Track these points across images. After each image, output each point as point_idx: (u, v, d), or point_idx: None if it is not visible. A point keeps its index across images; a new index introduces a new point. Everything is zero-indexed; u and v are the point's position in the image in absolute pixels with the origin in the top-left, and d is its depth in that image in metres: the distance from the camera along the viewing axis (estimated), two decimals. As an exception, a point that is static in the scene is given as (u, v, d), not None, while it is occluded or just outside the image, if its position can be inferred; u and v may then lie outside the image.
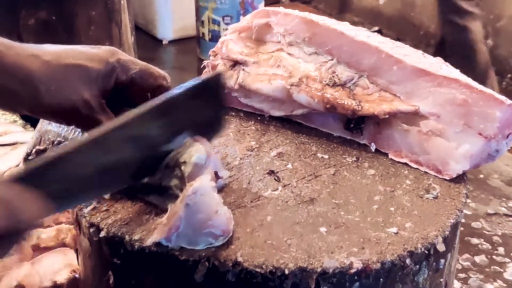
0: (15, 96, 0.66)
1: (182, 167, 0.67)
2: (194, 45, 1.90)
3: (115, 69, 0.70)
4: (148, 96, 0.73)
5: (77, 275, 0.90)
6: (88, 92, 0.66)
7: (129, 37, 1.56)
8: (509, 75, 2.11)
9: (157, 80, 0.73)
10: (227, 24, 1.72)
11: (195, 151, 0.69)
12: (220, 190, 0.72)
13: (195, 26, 1.84)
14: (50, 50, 0.67)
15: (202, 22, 1.79)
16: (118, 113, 0.72)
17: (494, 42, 2.25)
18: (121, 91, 0.73)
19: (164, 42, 2.03)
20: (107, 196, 0.71)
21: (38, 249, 0.94)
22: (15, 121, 1.30)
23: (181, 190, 0.65)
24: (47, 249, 0.95)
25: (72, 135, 0.74)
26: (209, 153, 0.70)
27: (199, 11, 1.80)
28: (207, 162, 0.69)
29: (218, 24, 1.76)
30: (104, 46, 0.70)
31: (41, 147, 0.78)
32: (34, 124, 0.81)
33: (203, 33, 1.80)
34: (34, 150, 0.79)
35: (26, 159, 0.81)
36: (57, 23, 1.39)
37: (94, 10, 1.44)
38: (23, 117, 1.30)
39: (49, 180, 0.56)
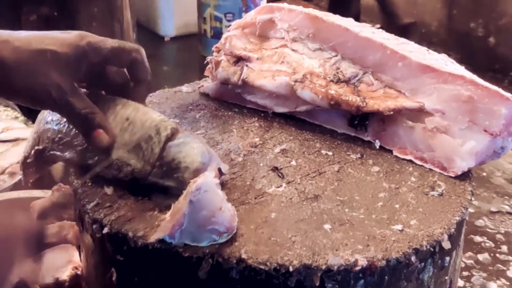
0: None
1: (184, 173, 0.67)
2: (196, 42, 1.90)
3: (86, 52, 0.70)
4: (125, 72, 0.75)
5: (79, 272, 0.89)
6: (59, 76, 0.67)
7: (131, 34, 1.56)
8: (511, 73, 2.10)
9: (130, 55, 0.74)
10: (229, 21, 1.71)
11: (197, 154, 0.68)
12: (224, 186, 0.71)
13: (197, 23, 1.83)
14: (21, 37, 0.69)
15: (204, 19, 1.78)
16: (98, 94, 0.75)
17: (496, 40, 2.24)
18: (99, 71, 0.74)
19: (166, 39, 2.03)
20: (110, 192, 0.71)
21: (41, 246, 0.94)
22: (16, 118, 1.29)
23: (183, 190, 0.65)
24: (50, 245, 0.94)
25: (73, 132, 0.73)
26: (211, 153, 0.70)
27: (201, 8, 1.79)
28: (209, 160, 0.69)
29: (220, 21, 1.75)
30: (74, 31, 0.71)
31: (40, 147, 0.77)
32: (35, 121, 0.81)
33: (205, 30, 1.80)
34: (33, 152, 0.78)
35: (25, 162, 0.80)
36: (59, 20, 1.39)
37: (96, 6, 1.44)
38: (25, 114, 1.30)
39: None
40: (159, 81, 1.75)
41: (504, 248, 1.07)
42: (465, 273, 1.00)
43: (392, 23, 2.24)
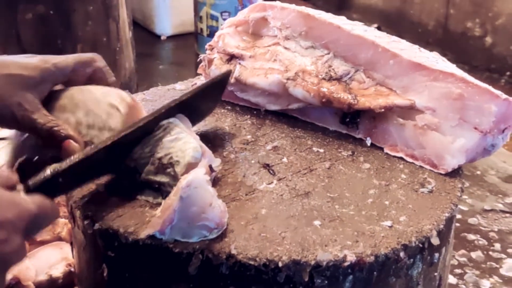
0: None
1: (176, 167, 0.67)
2: (192, 41, 1.90)
3: (52, 73, 0.73)
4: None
5: (72, 269, 0.90)
6: (22, 97, 0.70)
7: (127, 33, 1.56)
8: (507, 73, 2.11)
9: (90, 65, 0.77)
10: (225, 19, 1.71)
11: (190, 148, 0.68)
12: (215, 183, 0.72)
13: (193, 21, 1.84)
14: None
15: (200, 17, 1.79)
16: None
17: (493, 40, 2.25)
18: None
19: (162, 37, 2.03)
20: (101, 189, 0.71)
21: (34, 243, 0.94)
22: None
23: (175, 186, 0.65)
24: (43, 243, 0.94)
25: None
26: (203, 149, 0.70)
27: (197, 6, 1.79)
28: (202, 156, 0.69)
29: (217, 20, 1.76)
30: (36, 55, 0.75)
31: (22, 159, 0.77)
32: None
33: (201, 29, 1.80)
34: (16, 165, 0.78)
35: (20, 168, 0.79)
36: (55, 18, 1.39)
37: (92, 5, 1.44)
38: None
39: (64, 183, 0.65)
40: (155, 79, 1.76)
41: (497, 246, 1.07)
42: (458, 271, 1.01)
43: None
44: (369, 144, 0.82)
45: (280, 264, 0.61)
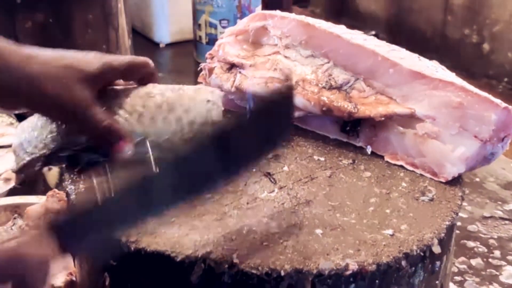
0: (17, 94, 0.71)
1: None
2: (191, 49, 1.90)
3: (107, 71, 0.74)
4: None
5: (74, 278, 0.90)
6: (80, 90, 0.70)
7: (126, 41, 1.56)
8: (505, 79, 2.11)
9: (142, 68, 0.78)
10: (224, 27, 1.72)
11: None
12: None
13: (192, 29, 1.84)
14: (46, 53, 0.72)
15: (199, 25, 1.79)
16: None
17: (491, 47, 2.25)
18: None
19: (161, 45, 2.03)
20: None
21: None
22: (12, 124, 1.30)
23: None
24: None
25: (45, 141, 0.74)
26: None
27: (196, 14, 1.80)
28: None
29: (215, 28, 1.76)
30: (90, 52, 0.75)
31: (37, 154, 0.76)
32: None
33: (200, 37, 1.81)
34: (27, 161, 0.77)
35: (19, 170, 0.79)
36: (54, 26, 1.39)
37: (91, 13, 1.44)
38: (20, 120, 1.30)
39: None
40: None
41: (497, 253, 1.07)
42: (458, 278, 1.01)
43: None
44: (369, 153, 0.82)
45: (282, 273, 0.61)
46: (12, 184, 1.08)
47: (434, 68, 0.80)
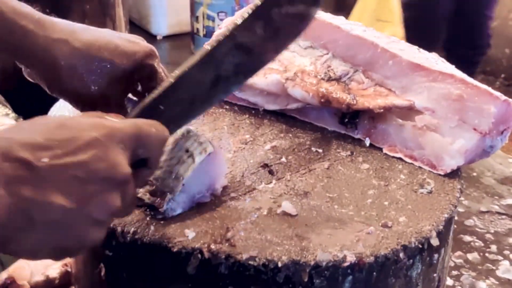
0: (38, 75, 0.68)
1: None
2: (189, 41, 1.90)
3: (144, 69, 0.70)
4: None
5: (69, 269, 0.89)
6: (109, 87, 0.68)
7: (123, 32, 1.56)
8: (502, 75, 2.11)
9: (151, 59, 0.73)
10: (221, 20, 1.71)
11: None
12: None
13: (190, 21, 1.83)
14: (83, 38, 0.68)
15: (197, 18, 1.78)
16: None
17: (488, 43, 2.25)
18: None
19: (158, 37, 2.02)
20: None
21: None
22: (7, 114, 1.29)
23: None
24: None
25: None
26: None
27: (194, 6, 1.79)
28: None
29: (213, 20, 1.75)
30: (144, 42, 0.72)
31: None
32: (26, 117, 0.80)
33: (197, 29, 1.80)
34: None
35: None
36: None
37: (88, 4, 1.44)
38: (16, 111, 1.29)
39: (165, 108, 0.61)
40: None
41: (494, 247, 1.07)
42: (454, 272, 1.01)
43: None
44: (368, 145, 0.82)
45: (279, 264, 0.61)
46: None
47: (433, 60, 0.80)
